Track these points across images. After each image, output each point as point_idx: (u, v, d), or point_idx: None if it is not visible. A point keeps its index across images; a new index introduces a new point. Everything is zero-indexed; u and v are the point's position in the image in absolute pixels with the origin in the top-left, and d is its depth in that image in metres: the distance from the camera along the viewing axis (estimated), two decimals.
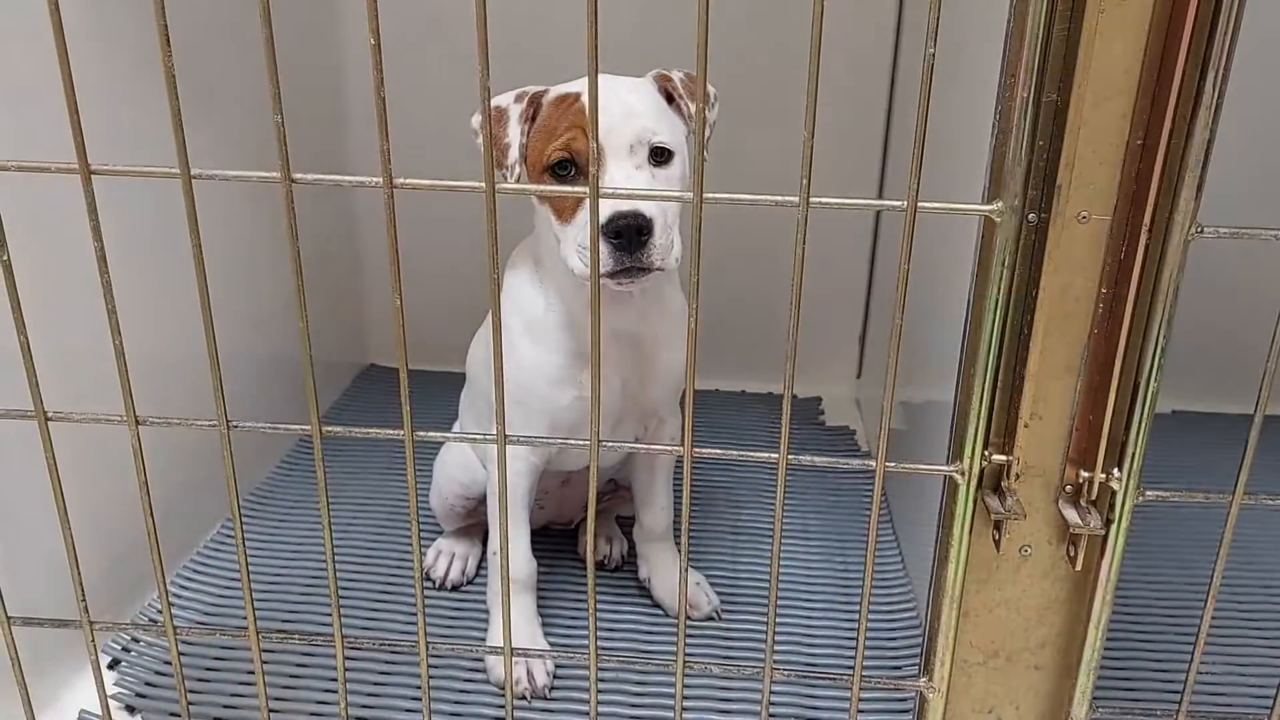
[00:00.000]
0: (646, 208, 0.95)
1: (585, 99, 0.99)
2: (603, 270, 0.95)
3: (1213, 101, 0.62)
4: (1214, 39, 0.61)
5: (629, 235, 0.94)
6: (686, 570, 0.78)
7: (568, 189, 0.99)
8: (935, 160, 0.65)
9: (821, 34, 0.62)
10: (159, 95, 1.34)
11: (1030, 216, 0.68)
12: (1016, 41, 0.64)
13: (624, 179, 0.97)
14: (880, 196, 1.86)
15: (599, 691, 0.86)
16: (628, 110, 0.99)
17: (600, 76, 0.97)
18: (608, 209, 0.94)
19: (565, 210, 1.01)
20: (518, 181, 1.04)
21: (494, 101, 0.97)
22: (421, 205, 1.10)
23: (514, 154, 1.03)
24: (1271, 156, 1.69)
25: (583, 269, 0.98)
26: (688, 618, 1.24)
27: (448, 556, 1.31)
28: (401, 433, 0.75)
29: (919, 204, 0.65)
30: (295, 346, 1.73)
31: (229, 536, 1.41)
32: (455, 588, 1.31)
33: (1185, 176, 0.63)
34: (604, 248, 0.94)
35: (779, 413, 1.95)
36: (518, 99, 1.04)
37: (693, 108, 1.04)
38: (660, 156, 1.00)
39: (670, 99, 1.05)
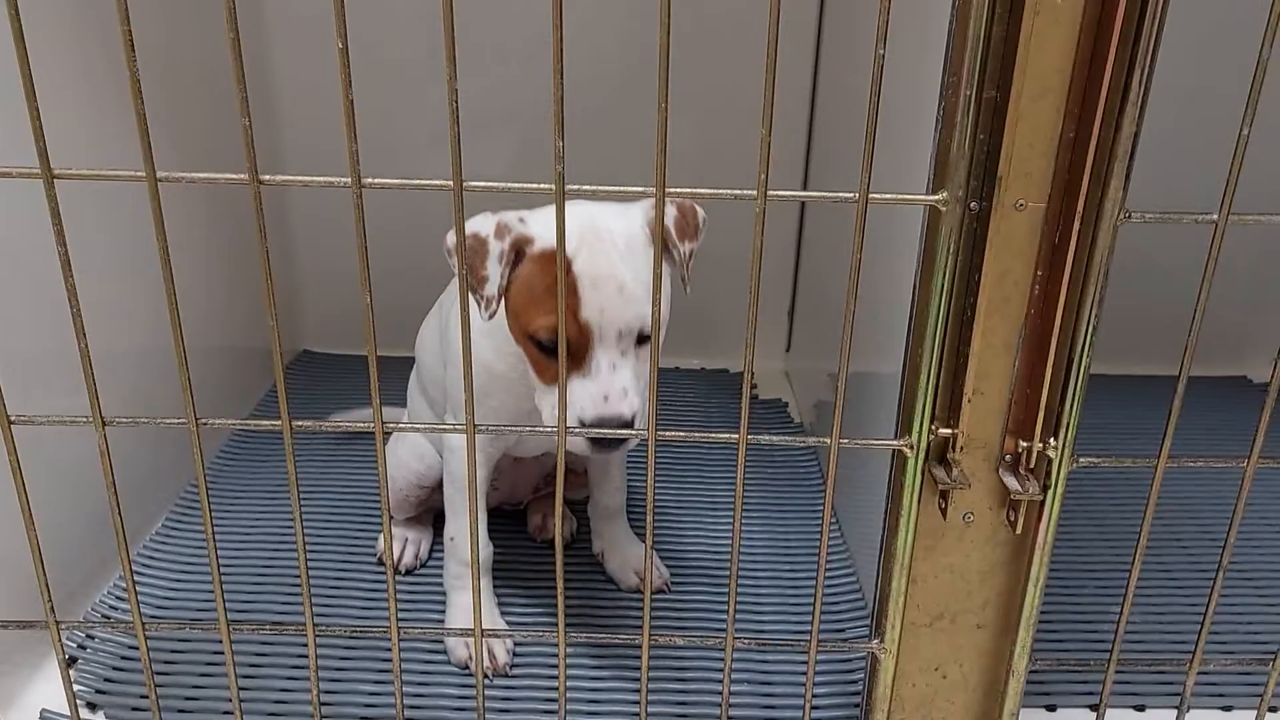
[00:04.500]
0: (631, 404, 0.94)
1: (577, 268, 0.93)
2: (578, 453, 0.99)
3: (1139, 97, 0.67)
4: (1140, 40, 0.65)
5: (609, 441, 0.94)
6: (652, 549, 0.81)
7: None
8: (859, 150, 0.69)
9: (778, 36, 0.65)
10: (87, 91, 1.31)
11: (972, 205, 0.72)
12: (959, 44, 0.67)
13: (608, 367, 0.94)
14: (805, 184, 1.91)
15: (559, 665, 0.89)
16: (625, 292, 0.93)
17: (586, 210, 0.95)
18: (591, 406, 0.93)
19: (548, 374, 0.97)
20: (492, 317, 0.97)
21: (472, 228, 0.94)
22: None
23: (491, 288, 0.95)
24: (1193, 145, 1.78)
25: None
26: (639, 590, 1.28)
27: (400, 541, 1.32)
28: (372, 425, 0.77)
29: (870, 195, 0.69)
30: (226, 335, 1.72)
31: (172, 531, 1.40)
32: (409, 571, 1.32)
33: (1114, 166, 0.68)
34: (582, 443, 0.95)
35: (712, 387, 2.00)
36: (498, 234, 0.95)
37: (684, 249, 1.00)
38: (645, 336, 0.96)
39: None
